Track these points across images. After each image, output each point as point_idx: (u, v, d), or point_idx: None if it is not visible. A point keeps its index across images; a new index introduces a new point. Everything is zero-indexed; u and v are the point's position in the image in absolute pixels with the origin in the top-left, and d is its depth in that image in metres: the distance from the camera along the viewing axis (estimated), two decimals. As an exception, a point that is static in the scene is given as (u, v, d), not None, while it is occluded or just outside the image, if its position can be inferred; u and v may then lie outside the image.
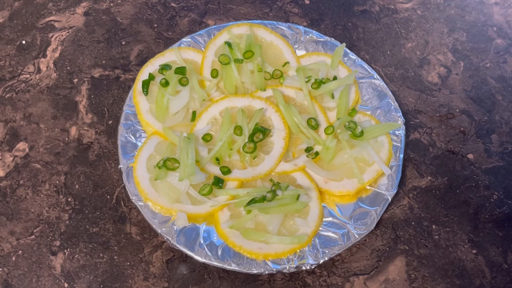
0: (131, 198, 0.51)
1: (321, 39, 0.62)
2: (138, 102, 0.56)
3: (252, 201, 0.49)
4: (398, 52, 0.66)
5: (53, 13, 0.67)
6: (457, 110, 0.61)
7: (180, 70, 0.56)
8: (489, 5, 0.71)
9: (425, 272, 0.52)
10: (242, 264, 0.49)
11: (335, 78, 0.57)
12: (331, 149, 0.53)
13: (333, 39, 0.62)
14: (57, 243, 0.52)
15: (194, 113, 0.56)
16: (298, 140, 0.56)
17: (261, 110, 0.55)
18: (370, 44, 0.66)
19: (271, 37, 0.61)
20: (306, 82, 0.57)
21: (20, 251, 0.51)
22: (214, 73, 0.58)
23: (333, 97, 0.57)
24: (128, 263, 0.51)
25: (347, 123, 0.54)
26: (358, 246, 0.53)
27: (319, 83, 0.57)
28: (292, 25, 0.63)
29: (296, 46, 0.62)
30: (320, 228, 0.51)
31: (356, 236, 0.51)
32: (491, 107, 0.62)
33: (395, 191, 0.53)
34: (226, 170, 0.52)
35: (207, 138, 0.54)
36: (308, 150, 0.54)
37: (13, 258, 0.51)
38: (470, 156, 0.58)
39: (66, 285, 0.50)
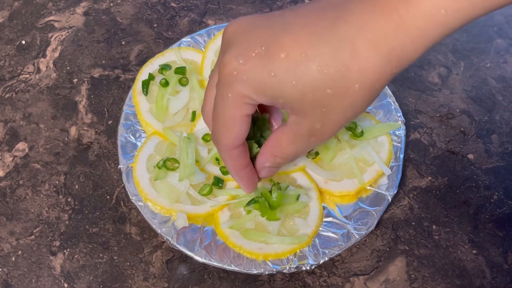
0: (131, 198, 0.51)
1: (321, 39, 0.62)
2: (138, 102, 0.56)
3: (252, 201, 0.49)
4: (398, 52, 0.66)
5: (53, 13, 0.67)
6: (457, 110, 0.61)
7: (180, 70, 0.56)
8: (489, 5, 0.71)
9: (425, 272, 0.52)
10: (242, 264, 0.49)
11: None
12: (331, 149, 0.53)
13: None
14: (57, 243, 0.52)
15: (194, 113, 0.56)
16: (298, 140, 0.56)
17: (261, 110, 0.55)
18: (370, 44, 0.66)
19: (271, 37, 0.61)
20: None
21: (20, 251, 0.51)
22: (214, 73, 0.58)
23: None
24: (128, 263, 0.51)
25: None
26: (358, 246, 0.52)
27: None
28: (292, 25, 0.63)
29: (296, 46, 0.62)
30: (320, 228, 0.51)
31: (356, 236, 0.51)
32: (492, 107, 0.62)
33: (395, 191, 0.53)
34: (226, 170, 0.52)
35: (207, 138, 0.54)
36: (308, 150, 0.54)
37: (13, 258, 0.51)
38: (470, 156, 0.58)
39: (66, 285, 0.50)
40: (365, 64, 0.30)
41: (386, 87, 0.59)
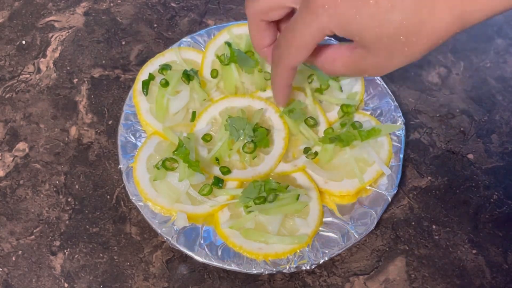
0: (131, 198, 0.51)
1: (321, 39, 0.62)
2: (138, 102, 0.56)
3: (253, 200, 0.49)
4: (398, 52, 0.66)
5: (53, 13, 0.67)
6: (457, 110, 0.61)
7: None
8: (489, 5, 0.71)
9: (425, 272, 0.52)
10: (242, 264, 0.49)
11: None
12: (329, 151, 0.53)
13: (332, 39, 0.62)
14: (57, 243, 0.52)
15: (194, 113, 0.56)
16: (298, 141, 0.56)
17: (261, 110, 0.54)
18: (370, 44, 0.66)
19: (271, 37, 0.61)
20: (309, 83, 0.57)
21: (20, 251, 0.51)
22: (214, 73, 0.58)
23: (341, 90, 0.57)
24: (128, 263, 0.51)
25: (347, 122, 0.54)
26: (358, 246, 0.53)
27: (322, 89, 0.57)
28: (292, 25, 0.63)
29: (296, 46, 0.62)
30: (320, 228, 0.51)
31: (356, 236, 0.51)
32: (491, 107, 0.62)
33: (395, 191, 0.53)
34: (226, 170, 0.52)
35: (207, 138, 0.54)
36: (306, 150, 0.54)
37: (13, 258, 0.51)
38: (470, 156, 0.58)
39: (66, 285, 0.50)
40: (438, 23, 0.35)
41: (386, 86, 0.59)
